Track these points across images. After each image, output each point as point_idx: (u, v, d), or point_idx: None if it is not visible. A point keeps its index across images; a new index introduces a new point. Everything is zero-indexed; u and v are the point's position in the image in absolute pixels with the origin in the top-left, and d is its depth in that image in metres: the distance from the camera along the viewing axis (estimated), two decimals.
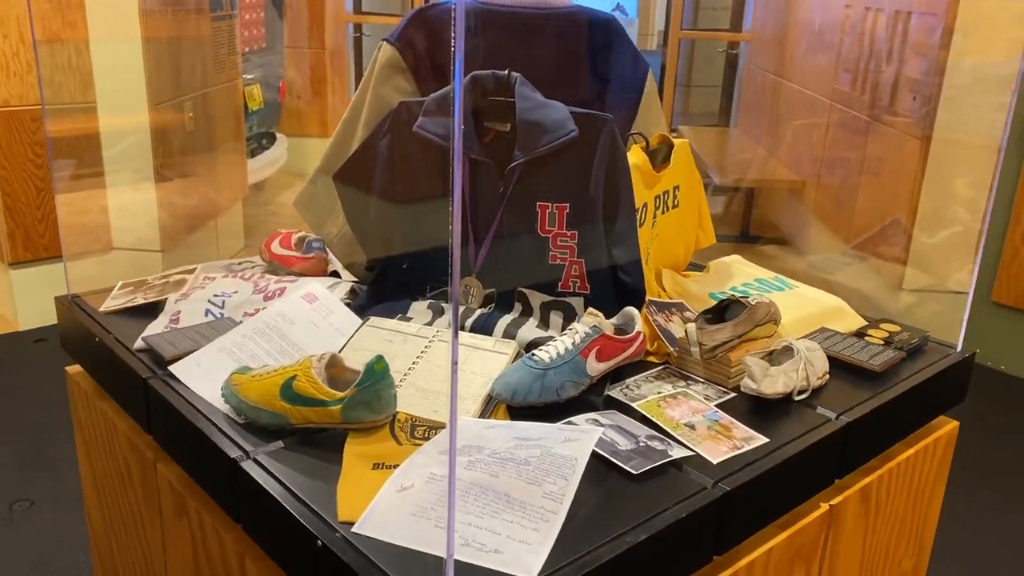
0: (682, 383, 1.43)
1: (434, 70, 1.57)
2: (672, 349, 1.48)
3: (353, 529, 1.04)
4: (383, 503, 1.08)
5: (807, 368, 1.40)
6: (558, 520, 1.06)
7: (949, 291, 3.35)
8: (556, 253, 1.48)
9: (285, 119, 5.88)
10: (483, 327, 1.47)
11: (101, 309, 1.63)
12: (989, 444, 2.92)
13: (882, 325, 1.67)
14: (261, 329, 1.45)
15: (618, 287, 1.47)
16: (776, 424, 1.33)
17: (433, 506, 1.08)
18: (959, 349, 1.63)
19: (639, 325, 1.41)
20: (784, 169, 5.00)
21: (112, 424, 1.56)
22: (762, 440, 1.28)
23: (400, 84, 1.57)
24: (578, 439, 1.17)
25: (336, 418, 1.21)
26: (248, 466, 1.17)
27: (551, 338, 1.46)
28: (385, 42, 1.57)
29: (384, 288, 1.60)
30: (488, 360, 1.39)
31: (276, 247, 1.73)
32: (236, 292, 1.62)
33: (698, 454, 1.23)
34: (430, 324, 1.49)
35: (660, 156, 1.67)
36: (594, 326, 1.35)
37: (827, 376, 1.45)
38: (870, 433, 1.41)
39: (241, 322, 1.53)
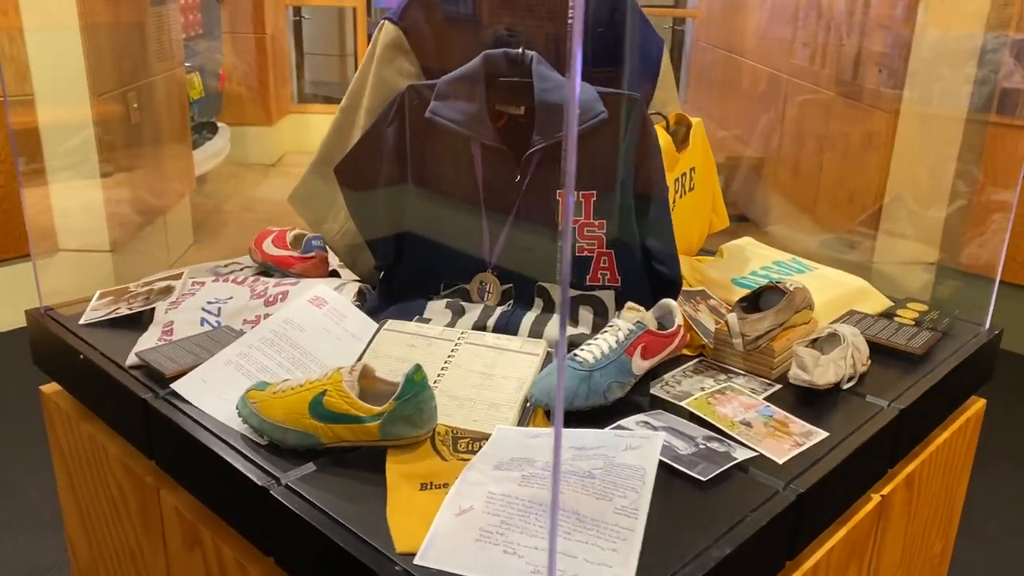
0: (723, 377, 1.36)
1: (439, 50, 1.46)
2: (707, 341, 1.41)
3: (415, 561, 0.94)
4: (443, 529, 0.98)
5: (854, 355, 1.34)
6: (636, 538, 0.97)
7: (921, 263, 3.37)
8: (583, 244, 1.39)
9: (226, 108, 5.66)
10: (506, 326, 1.37)
11: (81, 322, 1.48)
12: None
13: (909, 305, 1.62)
14: (269, 338, 1.33)
15: (653, 278, 1.38)
16: (830, 416, 1.27)
17: (498, 530, 0.98)
18: (987, 327, 1.59)
19: (679, 318, 1.33)
20: (740, 145, 4.99)
21: (102, 448, 1.42)
22: (822, 435, 1.21)
23: (404, 66, 1.46)
24: (640, 446, 1.09)
25: (374, 435, 1.10)
26: (280, 493, 1.05)
27: (581, 335, 1.37)
28: (387, 21, 1.45)
29: (394, 288, 1.49)
30: (518, 362, 1.29)
31: (269, 247, 1.61)
32: (231, 298, 1.49)
33: (762, 454, 1.15)
34: (452, 325, 1.39)
35: (679, 136, 1.58)
36: (637, 322, 1.26)
37: (869, 362, 1.39)
38: (920, 419, 1.36)
39: (242, 331, 1.41)
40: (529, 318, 1.38)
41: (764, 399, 1.30)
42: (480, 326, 1.38)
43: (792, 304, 1.40)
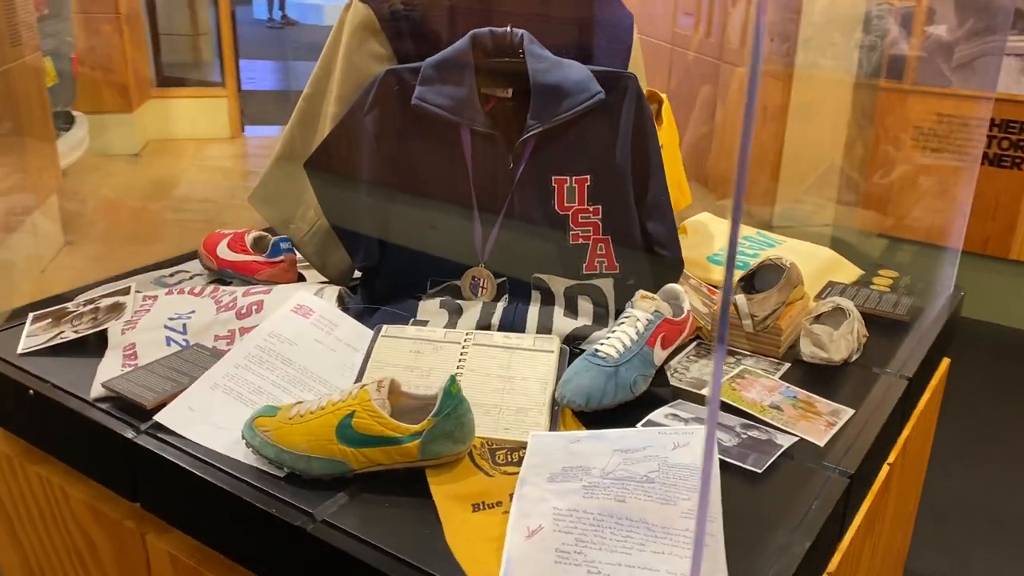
0: (732, 360, 1.34)
1: (413, 30, 1.35)
2: (704, 322, 1.38)
3: None
4: (516, 554, 0.90)
5: (857, 328, 1.35)
6: (718, 542, 0.93)
7: (818, 225, 3.49)
8: (578, 232, 1.32)
9: (80, 95, 5.21)
10: (512, 324, 1.30)
11: (19, 351, 1.30)
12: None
13: (881, 272, 1.65)
14: (256, 356, 1.20)
15: (654, 262, 1.33)
16: (846, 391, 1.27)
17: (575, 548, 0.91)
18: (952, 291, 1.64)
19: (687, 303, 1.29)
20: None
21: (60, 493, 1.26)
22: (848, 412, 1.20)
23: (375, 49, 1.34)
24: (688, 443, 1.04)
25: (412, 456, 1.01)
26: (318, 531, 0.95)
27: (585, 327, 1.32)
28: (356, 0, 1.33)
29: (376, 290, 1.38)
30: (534, 361, 1.22)
31: (225, 251, 1.46)
32: (193, 312, 1.34)
33: (802, 438, 1.13)
34: (452, 326, 1.30)
35: (653, 113, 1.54)
36: (655, 311, 1.21)
37: (867, 333, 1.40)
38: (919, 385, 1.38)
39: (215, 347, 1.27)
40: (533, 313, 1.31)
41: (779, 379, 1.28)
42: (484, 325, 1.29)
43: (790, 281, 1.39)
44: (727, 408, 1.19)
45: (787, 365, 1.33)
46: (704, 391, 1.23)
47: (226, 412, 1.13)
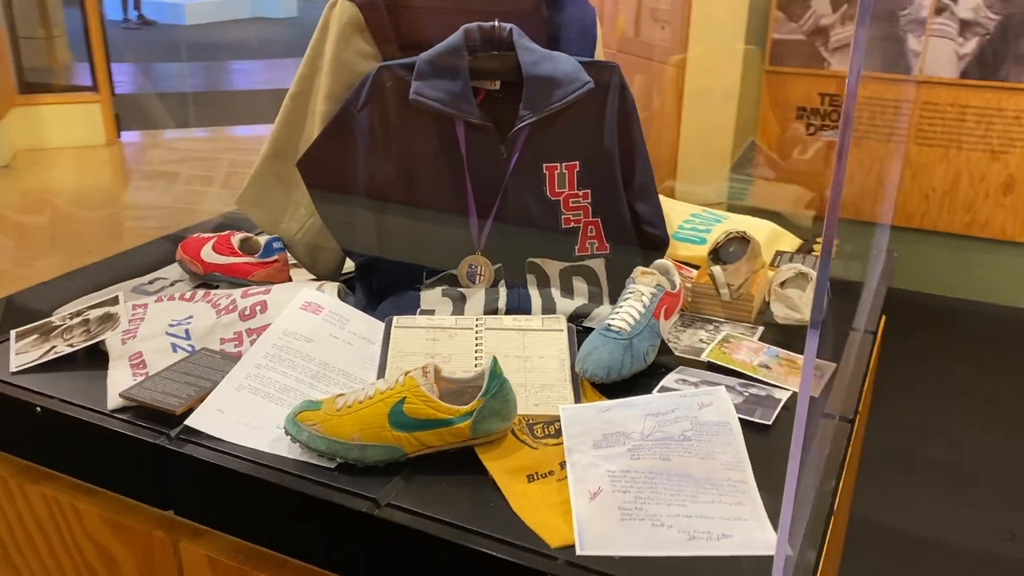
0: (711, 327, 1.44)
1: (397, 27, 1.38)
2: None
3: (580, 552, 0.92)
4: (585, 516, 0.97)
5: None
6: (753, 488, 1.02)
7: (712, 203, 3.67)
8: (569, 216, 1.39)
9: None
10: (518, 307, 1.35)
11: (12, 369, 1.26)
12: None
13: (819, 239, 1.79)
14: (274, 354, 1.22)
15: (643, 240, 1.42)
16: (821, 348, 1.38)
17: (635, 505, 0.99)
18: (885, 254, 1.80)
19: (678, 276, 1.38)
20: None
21: (71, 511, 1.23)
22: (831, 365, 1.32)
23: (361, 47, 1.36)
24: (711, 403, 1.14)
25: (464, 436, 1.05)
26: (388, 514, 0.98)
27: (584, 306, 1.39)
28: None
29: (373, 284, 1.41)
30: (547, 340, 1.29)
31: (211, 255, 1.45)
32: (190, 317, 1.33)
33: (795, 391, 1.24)
34: (460, 313, 1.34)
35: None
36: (658, 285, 1.30)
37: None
38: (875, 339, 1.53)
39: (222, 351, 1.27)
40: (536, 295, 1.37)
41: (758, 341, 1.39)
42: (491, 310, 1.35)
43: (755, 251, 1.50)
44: (722, 370, 1.29)
45: (761, 328, 1.44)
46: (703, 356, 1.32)
47: (256, 411, 1.15)
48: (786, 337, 1.41)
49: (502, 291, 1.37)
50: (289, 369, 1.20)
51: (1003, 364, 3.25)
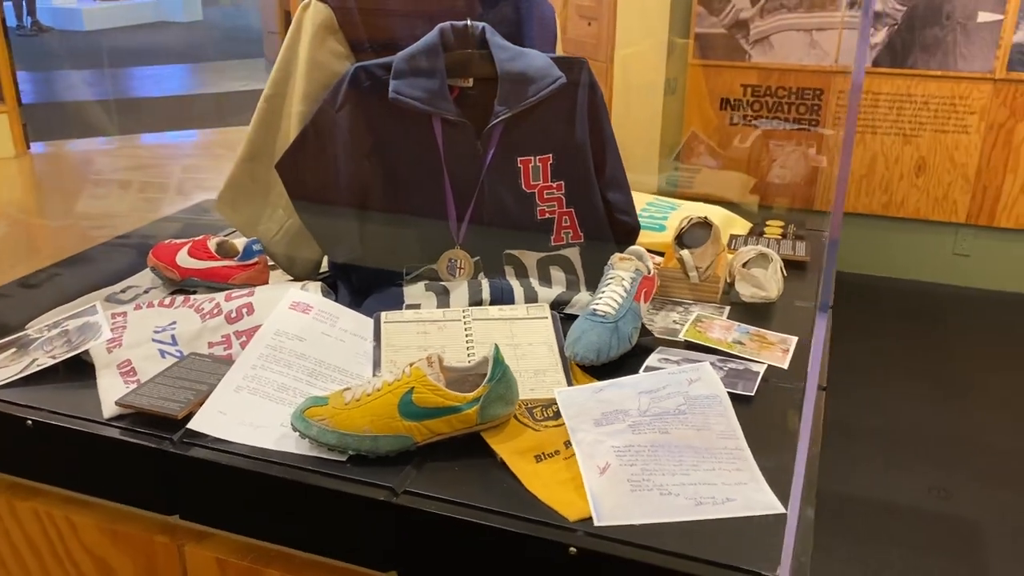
0: (681, 308, 1.51)
1: (367, 27, 1.39)
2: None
3: (598, 524, 0.97)
4: (597, 490, 1.02)
5: (780, 269, 1.56)
6: (749, 454, 1.09)
7: (664, 192, 3.77)
8: (543, 207, 1.44)
9: None
10: (502, 297, 1.39)
11: None
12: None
13: (768, 223, 1.88)
14: (268, 355, 1.23)
15: (616, 228, 1.47)
16: (785, 323, 1.47)
17: (643, 476, 1.04)
18: (827, 234, 1.90)
19: (650, 261, 1.44)
20: None
21: (64, 524, 1.22)
22: (793, 339, 1.40)
23: (335, 47, 1.37)
24: (699, 378, 1.20)
25: (471, 422, 1.09)
26: (409, 501, 1.01)
27: (565, 294, 1.43)
28: (316, 0, 1.36)
29: (354, 282, 1.43)
30: (534, 328, 1.33)
31: (186, 260, 1.44)
32: (174, 323, 1.33)
33: (769, 364, 1.32)
34: (446, 306, 1.37)
35: None
36: (636, 269, 1.35)
37: (785, 273, 1.62)
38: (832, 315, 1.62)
39: (211, 355, 1.28)
40: (517, 286, 1.41)
41: (727, 319, 1.46)
42: (476, 301, 1.38)
43: (717, 236, 1.58)
44: (699, 348, 1.36)
45: (728, 307, 1.52)
46: (680, 336, 1.38)
47: (258, 411, 1.16)
48: (753, 315, 1.49)
49: (484, 283, 1.41)
50: (285, 368, 1.22)
51: (925, 336, 3.44)
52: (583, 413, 1.14)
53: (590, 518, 0.98)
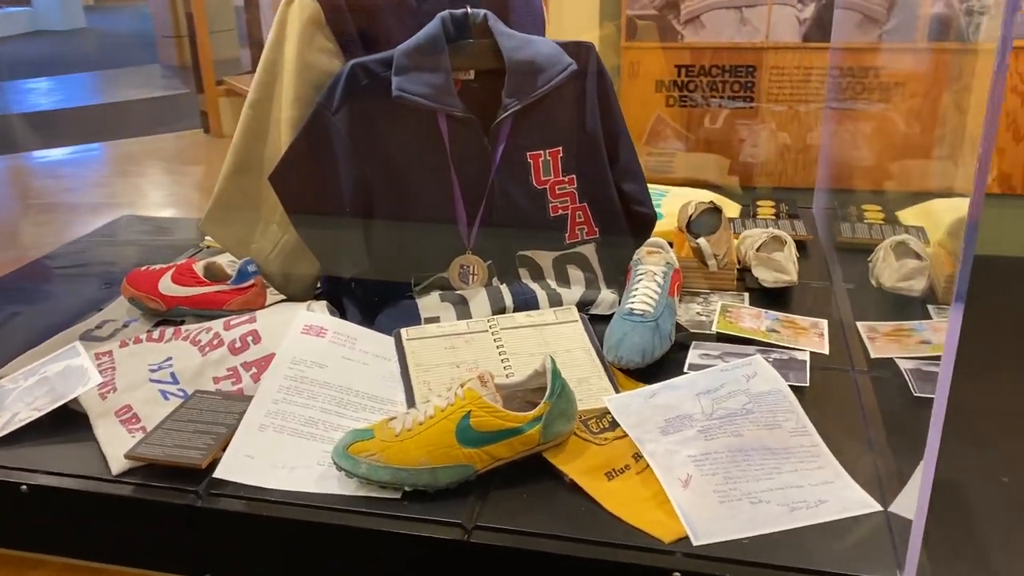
0: (700, 299, 1.45)
1: (358, 22, 1.28)
2: None
3: (697, 543, 0.90)
4: (686, 506, 0.94)
5: (794, 250, 1.51)
6: (825, 449, 1.03)
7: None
8: (556, 204, 1.36)
9: None
10: (526, 302, 1.30)
11: None
12: None
13: (760, 203, 1.84)
14: (289, 387, 1.11)
15: (632, 220, 1.40)
16: (809, 306, 1.42)
17: (728, 486, 0.97)
18: (813, 208, 1.88)
19: (672, 253, 1.37)
20: None
21: None
22: (824, 322, 1.36)
23: (323, 44, 1.25)
24: (756, 373, 1.14)
25: (533, 442, 1.00)
26: (488, 539, 0.92)
27: (590, 292, 1.35)
28: None
29: (360, 298, 1.31)
30: (566, 333, 1.25)
31: (172, 288, 1.30)
32: (170, 360, 1.19)
33: (811, 351, 1.27)
34: (467, 316, 1.28)
35: None
36: (667, 263, 1.29)
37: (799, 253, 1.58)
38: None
39: (219, 391, 1.15)
40: (538, 289, 1.33)
41: (750, 306, 1.41)
42: (499, 309, 1.29)
43: (726, 221, 1.52)
44: (733, 339, 1.30)
45: (746, 294, 1.46)
46: (713, 329, 1.32)
47: (289, 451, 1.04)
48: (774, 300, 1.44)
49: (504, 289, 1.32)
50: (309, 400, 1.10)
51: None
52: (644, 421, 1.07)
53: (686, 538, 0.91)
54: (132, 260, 1.77)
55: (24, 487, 1.03)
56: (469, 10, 1.26)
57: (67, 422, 1.12)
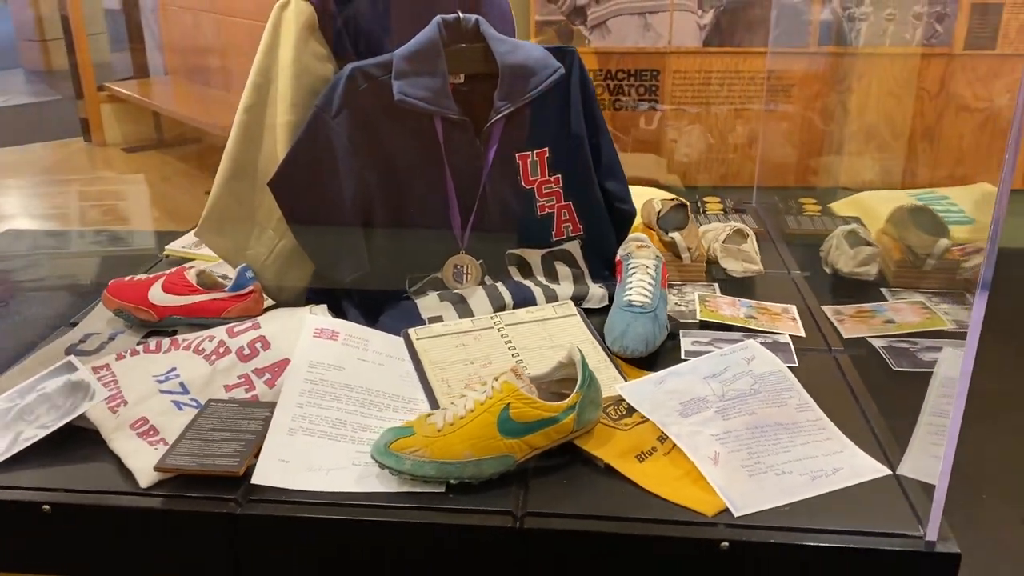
0: (673, 290, 1.52)
1: (348, 25, 1.28)
2: None
3: (738, 515, 0.96)
4: (720, 481, 1.00)
5: (756, 242, 1.61)
6: (829, 422, 1.12)
7: None
8: (543, 203, 1.40)
9: None
10: (524, 300, 1.34)
11: None
12: None
13: (707, 199, 1.94)
14: (310, 390, 1.11)
15: (614, 217, 1.45)
16: (772, 293, 1.52)
17: (752, 460, 1.04)
18: (753, 203, 1.99)
19: (653, 246, 1.44)
20: None
21: None
22: (793, 307, 1.45)
23: (316, 48, 1.25)
24: (755, 356, 1.21)
25: (568, 430, 1.04)
26: (535, 523, 0.95)
27: (581, 287, 1.40)
28: None
29: (355, 298, 1.32)
30: (567, 326, 1.29)
31: (164, 297, 1.26)
32: (174, 370, 1.17)
33: (788, 334, 1.36)
34: (468, 314, 1.30)
35: None
36: (656, 256, 1.35)
37: None
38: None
39: (231, 399, 1.14)
40: (533, 286, 1.36)
41: (723, 295, 1.49)
42: (499, 307, 1.32)
43: (693, 218, 1.60)
44: (718, 327, 1.37)
45: (716, 284, 1.55)
46: (698, 318, 1.39)
47: (322, 453, 1.05)
48: (742, 288, 1.52)
49: (501, 287, 1.35)
50: (333, 402, 1.11)
51: None
52: (660, 406, 1.12)
53: (726, 510, 0.97)
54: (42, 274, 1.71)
55: (46, 507, 0.99)
56: (460, 15, 1.29)
57: (71, 438, 1.09)
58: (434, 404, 1.13)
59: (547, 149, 1.38)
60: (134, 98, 4.98)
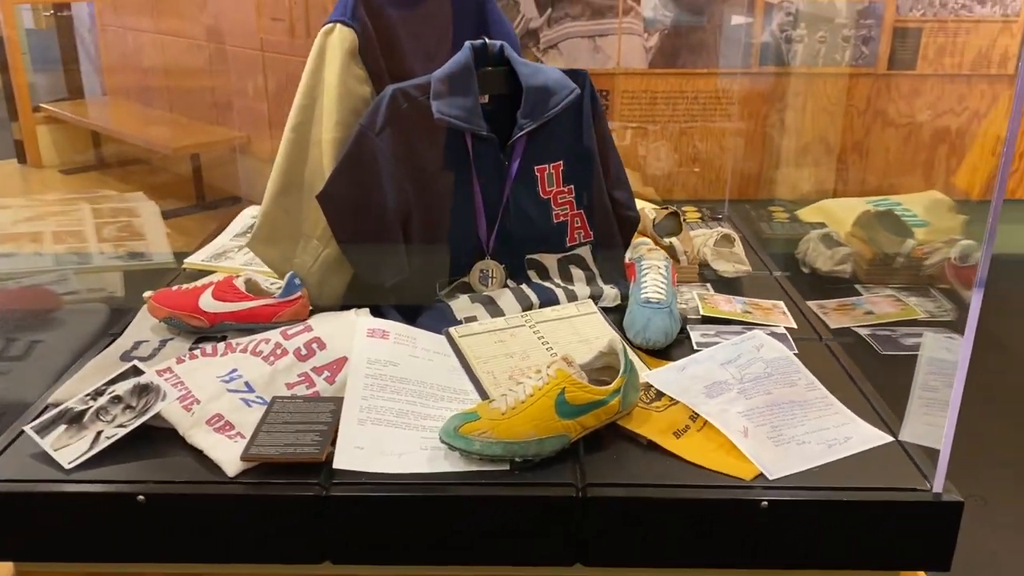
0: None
1: (384, 49, 1.39)
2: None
3: (772, 478, 1.09)
4: (752, 451, 1.14)
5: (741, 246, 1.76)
6: (834, 399, 1.26)
7: None
8: (558, 211, 1.52)
9: None
10: (549, 300, 1.46)
11: (67, 465, 1.10)
12: None
13: (686, 208, 2.09)
14: (372, 384, 1.20)
15: (621, 223, 1.58)
16: (758, 291, 1.67)
17: (776, 432, 1.18)
18: (725, 213, 2.16)
19: (660, 249, 1.57)
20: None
21: None
22: (780, 303, 1.61)
23: (357, 72, 1.35)
24: (763, 344, 1.36)
25: (614, 411, 1.16)
26: (598, 492, 1.07)
27: (596, 288, 1.52)
28: (340, 24, 1.32)
29: (392, 301, 1.42)
30: (590, 323, 1.41)
31: (215, 305, 1.34)
32: (235, 371, 1.25)
33: (783, 326, 1.51)
34: (499, 314, 1.41)
35: None
36: (666, 257, 1.48)
37: None
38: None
39: (293, 395, 1.23)
40: (554, 287, 1.48)
41: (716, 293, 1.64)
42: (527, 307, 1.43)
43: (686, 225, 1.75)
44: (720, 321, 1.51)
45: (709, 283, 1.69)
46: (701, 313, 1.53)
47: (392, 439, 1.14)
48: (732, 287, 1.67)
49: (527, 289, 1.47)
50: (393, 394, 1.20)
51: None
52: (687, 390, 1.25)
53: (761, 475, 1.10)
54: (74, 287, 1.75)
55: (141, 497, 1.06)
56: (488, 41, 1.41)
57: (144, 437, 1.16)
58: (483, 394, 1.24)
59: (562, 162, 1.50)
60: (75, 119, 4.93)
